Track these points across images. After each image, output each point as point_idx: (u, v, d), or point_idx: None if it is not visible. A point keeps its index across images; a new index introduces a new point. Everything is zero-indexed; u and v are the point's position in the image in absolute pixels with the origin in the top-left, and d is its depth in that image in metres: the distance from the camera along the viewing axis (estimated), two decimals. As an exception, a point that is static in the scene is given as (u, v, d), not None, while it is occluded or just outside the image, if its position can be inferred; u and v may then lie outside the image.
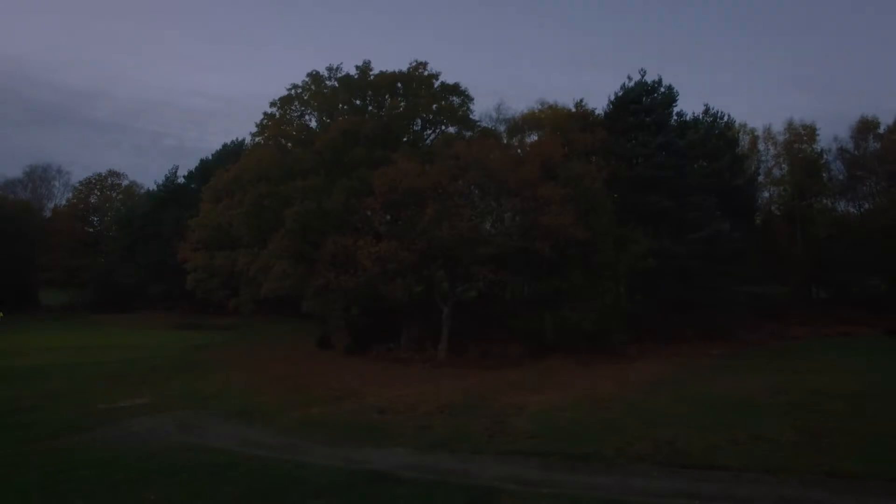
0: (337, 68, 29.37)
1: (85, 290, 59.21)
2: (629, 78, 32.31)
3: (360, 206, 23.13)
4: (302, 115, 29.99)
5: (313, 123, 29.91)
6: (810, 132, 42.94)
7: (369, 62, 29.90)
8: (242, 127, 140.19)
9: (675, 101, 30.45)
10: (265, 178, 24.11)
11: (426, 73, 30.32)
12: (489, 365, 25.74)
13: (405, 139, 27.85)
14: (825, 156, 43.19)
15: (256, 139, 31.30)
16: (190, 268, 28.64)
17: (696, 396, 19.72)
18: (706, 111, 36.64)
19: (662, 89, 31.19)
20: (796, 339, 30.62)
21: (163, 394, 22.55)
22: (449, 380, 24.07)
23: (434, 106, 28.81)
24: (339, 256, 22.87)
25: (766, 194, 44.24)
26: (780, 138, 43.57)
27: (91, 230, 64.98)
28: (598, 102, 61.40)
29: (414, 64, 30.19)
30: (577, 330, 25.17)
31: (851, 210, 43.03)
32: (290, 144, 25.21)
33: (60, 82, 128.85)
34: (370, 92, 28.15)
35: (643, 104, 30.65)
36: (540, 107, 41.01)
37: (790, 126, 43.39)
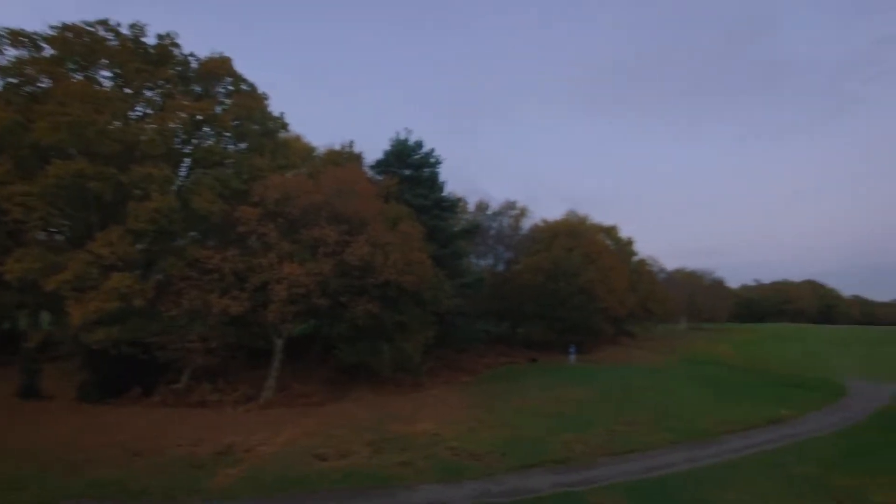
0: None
1: None
2: (397, 133, 35.90)
3: (242, 214, 17.94)
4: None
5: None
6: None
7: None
8: None
9: (441, 163, 35.65)
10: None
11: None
12: (317, 401, 23.46)
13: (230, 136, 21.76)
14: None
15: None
16: None
17: (524, 410, 23.95)
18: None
19: (425, 149, 35.86)
20: (488, 367, 38.85)
21: None
22: (337, 419, 19.77)
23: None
24: (213, 273, 16.98)
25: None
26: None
27: None
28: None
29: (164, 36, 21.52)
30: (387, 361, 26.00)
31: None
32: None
33: None
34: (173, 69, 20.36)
35: (415, 160, 34.66)
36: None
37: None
